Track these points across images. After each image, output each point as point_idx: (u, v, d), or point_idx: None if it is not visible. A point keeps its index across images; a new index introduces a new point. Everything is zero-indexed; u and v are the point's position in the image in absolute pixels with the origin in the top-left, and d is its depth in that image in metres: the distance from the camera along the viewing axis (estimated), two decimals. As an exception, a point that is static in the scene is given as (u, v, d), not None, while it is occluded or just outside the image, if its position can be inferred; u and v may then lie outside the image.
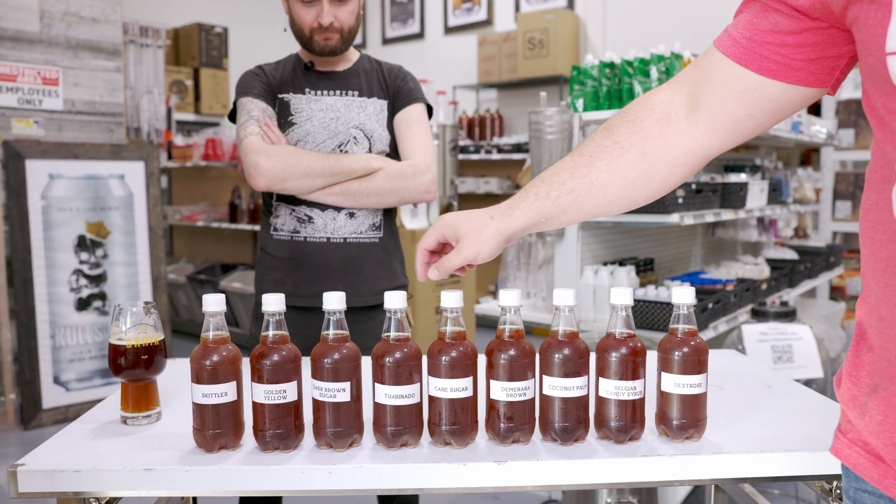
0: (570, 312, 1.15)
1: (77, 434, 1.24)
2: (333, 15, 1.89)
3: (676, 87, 1.14)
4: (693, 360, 1.14)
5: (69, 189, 4.12)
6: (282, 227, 1.94)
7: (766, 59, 1.00)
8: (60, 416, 4.06)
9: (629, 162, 1.14)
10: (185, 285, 6.04)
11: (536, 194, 1.17)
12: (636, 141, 1.13)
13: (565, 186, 1.16)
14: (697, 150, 1.13)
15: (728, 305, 2.98)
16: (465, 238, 1.19)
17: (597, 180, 1.14)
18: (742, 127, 1.10)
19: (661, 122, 1.13)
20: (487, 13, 7.48)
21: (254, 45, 7.77)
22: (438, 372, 1.12)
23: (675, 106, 1.12)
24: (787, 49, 0.98)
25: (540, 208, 1.17)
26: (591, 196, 1.16)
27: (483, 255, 1.18)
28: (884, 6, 0.82)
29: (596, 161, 1.15)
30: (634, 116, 1.15)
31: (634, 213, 2.81)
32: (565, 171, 1.17)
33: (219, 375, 1.13)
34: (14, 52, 3.99)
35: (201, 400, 1.13)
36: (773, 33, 0.98)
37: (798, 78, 1.01)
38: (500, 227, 1.18)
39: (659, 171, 1.14)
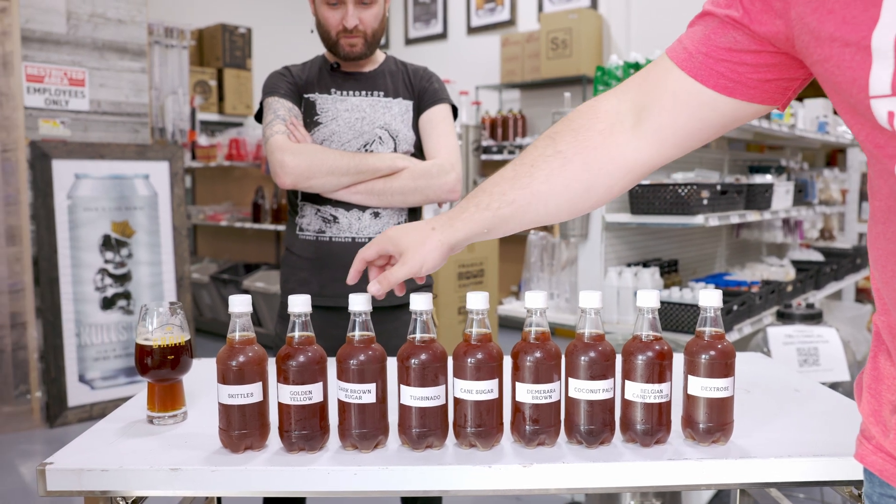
0: (597, 315, 1.15)
1: (104, 433, 1.25)
2: (358, 18, 1.90)
3: (623, 95, 1.12)
4: (720, 363, 1.13)
5: (95, 189, 4.16)
6: (307, 226, 1.95)
7: (723, 77, 0.99)
8: (85, 415, 4.10)
9: (571, 172, 1.12)
10: (209, 285, 6.08)
11: (477, 205, 1.16)
12: (579, 151, 1.11)
13: (506, 197, 1.14)
14: (642, 162, 1.11)
15: (753, 307, 2.95)
16: (408, 251, 1.18)
17: (538, 191, 1.13)
18: (690, 140, 1.09)
19: (605, 133, 1.11)
20: (510, 13, 7.46)
21: (277, 46, 7.82)
22: (464, 374, 1.12)
23: (621, 116, 1.10)
24: (744, 68, 0.97)
25: (481, 219, 1.16)
26: (531, 207, 1.14)
27: (427, 267, 1.18)
28: (862, 49, 0.80)
29: (537, 171, 1.13)
30: (578, 125, 1.13)
31: (658, 214, 2.79)
32: (506, 181, 1.16)
33: (245, 376, 1.13)
34: (42, 54, 4.03)
35: (227, 400, 1.14)
36: (731, 51, 0.97)
37: (752, 96, 1.00)
38: (443, 237, 1.17)
39: (602, 182, 1.13)
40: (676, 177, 3.03)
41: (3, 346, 4.00)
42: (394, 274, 1.17)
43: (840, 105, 0.89)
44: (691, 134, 1.07)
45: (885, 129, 0.81)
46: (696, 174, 3.08)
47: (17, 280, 4.03)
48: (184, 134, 5.16)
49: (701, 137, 1.09)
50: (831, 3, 0.84)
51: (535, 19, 7.15)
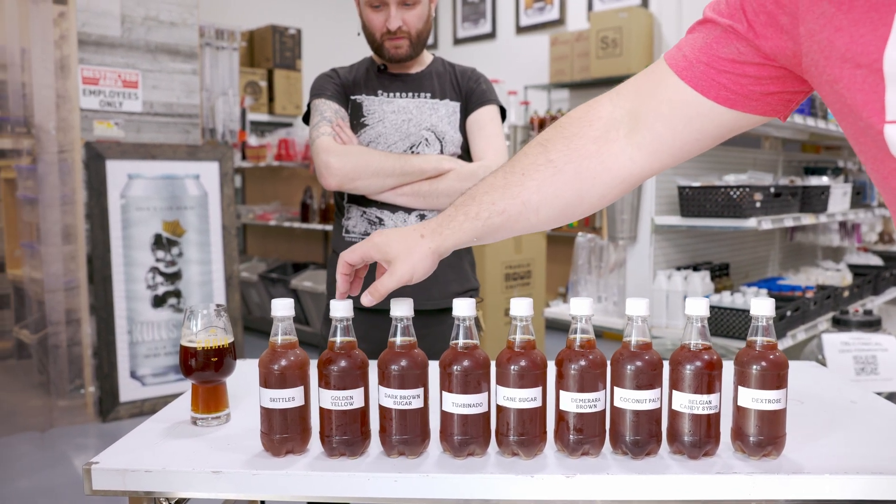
0: (644, 322, 1.12)
1: (149, 433, 1.26)
2: (402, 19, 1.89)
3: (618, 101, 1.08)
4: (772, 374, 1.09)
5: (147, 189, 4.22)
6: (353, 228, 1.94)
7: (725, 88, 0.96)
8: (136, 410, 4.17)
9: (563, 181, 1.09)
10: (258, 283, 6.14)
11: (466, 214, 1.14)
12: (571, 160, 1.08)
13: (496, 207, 1.12)
14: (636, 172, 1.08)
15: (807, 313, 2.88)
16: (397, 259, 1.15)
17: (528, 201, 1.10)
18: (686, 150, 1.06)
19: (598, 141, 1.07)
20: (560, 12, 7.40)
21: (326, 47, 7.86)
22: (507, 381, 1.10)
23: (616, 123, 1.07)
24: (747, 80, 0.94)
25: (471, 229, 1.14)
26: (522, 216, 1.12)
27: (418, 275, 1.16)
28: (874, 71, 0.77)
29: (528, 180, 1.10)
30: (571, 133, 1.10)
31: (709, 217, 2.74)
32: (496, 189, 1.13)
33: (287, 380, 1.13)
34: (97, 57, 4.11)
35: (269, 404, 1.13)
36: (734, 63, 0.94)
37: (754, 108, 0.97)
38: (432, 245, 1.15)
39: (594, 192, 1.10)
40: (728, 178, 2.97)
41: (59, 341, 4.09)
42: (384, 284, 1.15)
43: (850, 129, 0.86)
44: (687, 143, 1.04)
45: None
46: (748, 176, 3.01)
47: (73, 278, 4.11)
48: (234, 134, 5.21)
49: (697, 147, 1.06)
50: (839, 20, 0.81)
51: (584, 18, 7.08)
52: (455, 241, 1.15)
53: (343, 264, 1.19)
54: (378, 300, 1.16)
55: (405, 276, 1.15)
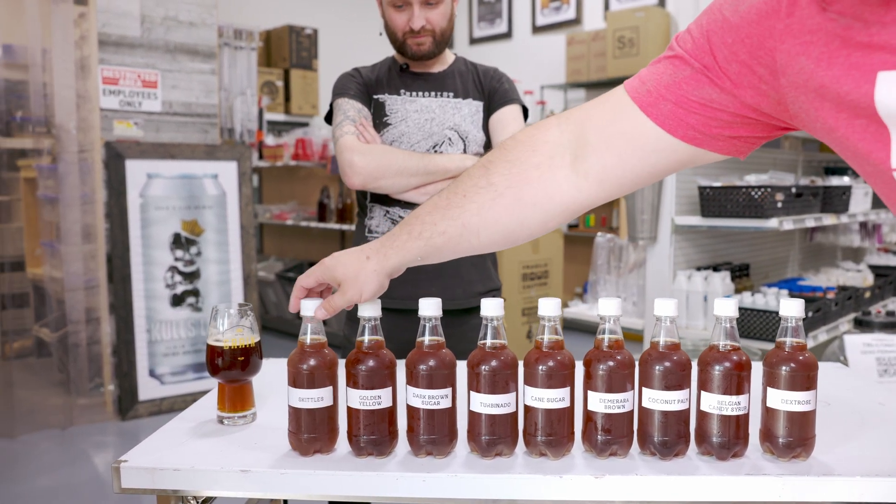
0: (672, 323, 1.11)
1: (176, 432, 1.27)
2: (425, 18, 1.89)
3: (566, 127, 1.05)
4: (802, 375, 1.09)
5: (166, 188, 4.25)
6: (376, 228, 1.95)
7: (693, 129, 0.94)
8: (155, 409, 4.19)
9: (503, 206, 1.08)
10: (275, 283, 6.16)
11: (409, 233, 1.14)
12: (512, 185, 1.07)
13: (437, 227, 1.12)
14: (580, 200, 1.06)
15: (829, 314, 2.86)
16: (344, 282, 1.18)
17: (468, 223, 1.10)
18: (635, 181, 1.04)
19: (541, 167, 1.05)
20: (576, 12, 7.39)
21: (343, 47, 7.88)
22: (535, 381, 1.10)
23: (561, 150, 1.05)
24: (717, 123, 0.93)
25: (414, 248, 1.14)
26: (463, 238, 1.12)
27: (367, 295, 1.18)
28: (873, 118, 0.77)
29: (468, 203, 1.09)
30: (514, 157, 1.08)
31: (730, 217, 2.73)
32: (438, 210, 1.13)
33: (315, 380, 1.13)
34: (117, 57, 4.13)
35: (297, 404, 1.14)
36: (706, 107, 0.92)
37: (718, 147, 0.96)
38: (377, 267, 1.17)
39: (535, 218, 1.09)
40: (749, 178, 2.95)
41: (79, 340, 4.11)
42: (334, 302, 1.18)
43: (856, 167, 0.86)
44: (638, 176, 1.03)
45: None
46: (769, 176, 3.00)
47: (92, 277, 4.14)
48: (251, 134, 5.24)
49: (647, 179, 1.04)
50: (821, 77, 0.80)
51: (601, 18, 7.07)
52: (398, 260, 1.17)
53: (298, 288, 1.23)
54: (331, 315, 1.19)
55: (354, 297, 1.18)
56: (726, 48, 0.89)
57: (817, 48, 0.81)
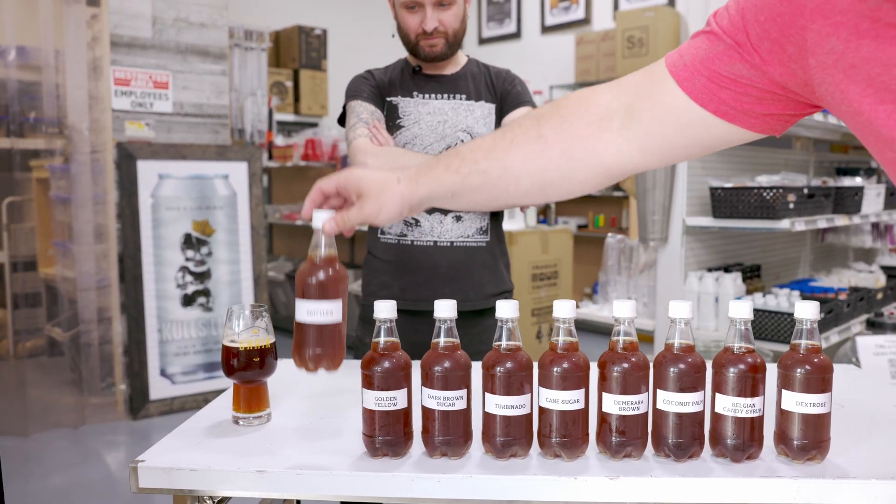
0: (687, 325, 1.12)
1: (191, 433, 1.28)
2: (438, 20, 1.90)
3: (619, 93, 1.08)
4: (817, 378, 1.09)
5: (177, 188, 4.26)
6: (388, 230, 1.95)
7: (724, 103, 0.95)
8: (166, 408, 4.20)
9: (549, 158, 1.09)
10: (284, 283, 6.18)
11: (447, 167, 1.13)
12: (562, 139, 1.08)
13: (478, 165, 1.11)
14: (623, 164, 1.08)
15: (840, 315, 2.86)
16: (367, 195, 1.14)
17: (511, 168, 1.10)
18: (674, 154, 1.06)
19: (592, 126, 1.07)
20: (585, 12, 7.38)
21: (352, 47, 7.89)
22: (550, 383, 1.10)
23: (612, 113, 1.07)
24: (749, 99, 0.94)
25: (448, 181, 1.13)
26: (502, 182, 1.12)
27: (383, 217, 1.14)
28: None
29: (515, 149, 1.10)
30: (567, 112, 1.10)
31: (742, 218, 2.72)
32: (482, 150, 1.13)
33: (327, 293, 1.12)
34: (128, 58, 4.15)
35: (305, 318, 1.12)
36: (737, 82, 0.93)
37: (751, 125, 0.96)
38: (405, 192, 1.14)
39: (578, 175, 1.10)
40: (761, 179, 2.95)
41: (91, 340, 4.13)
42: (349, 216, 1.14)
43: (879, 153, 0.85)
44: (677, 148, 1.05)
45: None
46: (781, 177, 2.99)
47: (104, 276, 4.16)
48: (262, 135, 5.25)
49: (686, 153, 1.06)
50: (851, 58, 0.80)
51: (610, 18, 7.06)
52: (429, 190, 1.14)
53: (316, 190, 1.19)
54: (342, 229, 1.14)
55: (371, 214, 1.14)
56: (759, 26, 0.90)
57: (847, 29, 0.81)
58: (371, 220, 1.15)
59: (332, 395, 1.48)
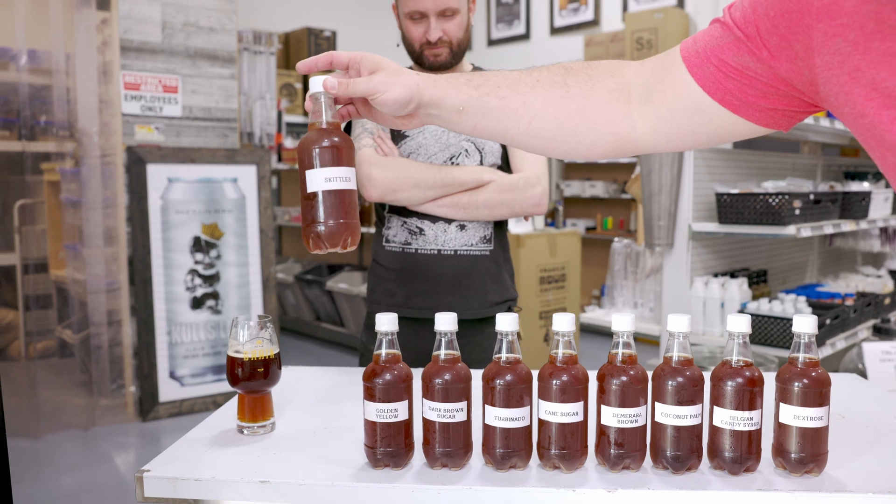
0: (685, 338, 1.13)
1: (197, 442, 1.29)
2: (442, 30, 1.91)
3: (643, 70, 1.10)
4: (815, 392, 1.09)
5: (186, 192, 4.29)
6: (393, 238, 1.96)
7: (730, 93, 0.97)
8: (175, 410, 4.23)
9: (568, 108, 1.11)
10: (293, 285, 6.20)
11: (469, 81, 1.14)
12: (584, 94, 1.10)
13: (499, 91, 1.12)
14: (633, 138, 1.11)
15: (847, 321, 2.85)
16: (383, 71, 1.12)
17: (530, 104, 1.11)
18: (682, 139, 1.09)
19: (613, 93, 1.10)
20: (594, 13, 7.38)
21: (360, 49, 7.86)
22: (549, 396, 1.11)
23: (633, 87, 1.10)
24: (754, 91, 0.96)
25: (465, 94, 1.12)
26: (516, 114, 1.12)
27: (390, 95, 1.09)
28: None
29: (539, 88, 1.11)
30: (595, 73, 1.12)
31: (748, 224, 2.72)
32: (506, 79, 1.13)
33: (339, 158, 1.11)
34: (138, 63, 4.18)
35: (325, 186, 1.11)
36: (743, 73, 0.95)
37: (757, 118, 0.98)
38: (421, 83, 1.11)
39: (588, 135, 1.12)
40: (767, 185, 2.95)
41: (101, 342, 4.17)
42: (355, 83, 1.10)
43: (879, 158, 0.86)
44: (685, 134, 1.07)
45: None
46: (787, 182, 2.99)
47: (114, 279, 4.19)
48: (271, 138, 5.28)
49: (693, 140, 1.08)
50: (857, 60, 0.81)
51: (619, 19, 7.06)
52: (443, 92, 1.12)
53: (326, 56, 1.14)
54: (341, 93, 1.10)
55: (379, 87, 1.10)
56: (769, 20, 0.91)
57: (853, 31, 0.82)
58: (376, 94, 1.10)
59: (334, 403, 1.50)
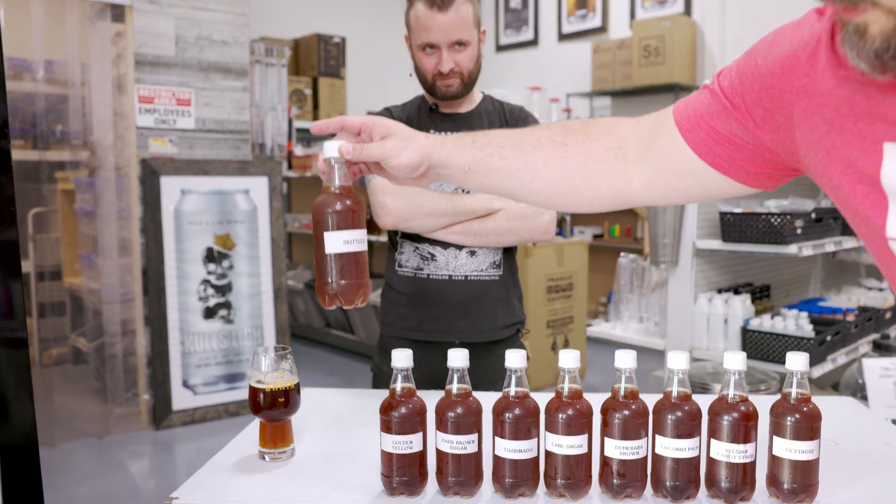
0: (684, 375, 1.19)
1: (221, 468, 1.36)
2: (454, 61, 1.97)
3: (639, 128, 1.16)
4: (806, 426, 1.16)
5: (199, 203, 4.37)
6: (406, 263, 2.03)
7: (719, 158, 1.03)
8: (188, 418, 4.31)
9: (567, 167, 1.17)
10: (303, 291, 6.27)
11: (474, 141, 1.20)
12: (582, 154, 1.16)
13: (503, 151, 1.18)
14: (629, 194, 1.17)
15: (848, 336, 2.91)
16: (395, 136, 1.18)
17: (531, 163, 1.17)
18: (675, 195, 1.16)
19: (610, 151, 1.16)
20: (602, 20, 7.43)
21: (370, 55, 7.98)
22: (556, 429, 1.18)
23: (629, 145, 1.16)
24: (741, 156, 1.02)
25: (471, 154, 1.19)
26: (518, 173, 1.18)
27: (402, 160, 1.16)
28: (876, 187, 0.84)
29: (540, 149, 1.18)
30: (592, 132, 1.18)
31: (751, 242, 2.78)
32: (509, 139, 1.20)
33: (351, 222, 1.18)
34: (152, 76, 4.26)
35: (341, 248, 1.18)
36: (731, 141, 1.01)
37: (745, 179, 1.05)
38: (430, 146, 1.18)
39: (587, 193, 1.18)
40: (769, 204, 3.00)
41: (115, 351, 4.25)
42: (369, 149, 1.17)
43: (854, 224, 0.92)
44: (677, 191, 1.13)
45: None
46: (790, 202, 3.05)
47: (128, 290, 4.27)
48: (282, 149, 5.35)
49: (686, 197, 1.15)
50: (832, 139, 0.87)
51: (626, 26, 7.10)
52: (450, 154, 1.19)
53: (338, 121, 1.21)
54: (356, 158, 1.17)
55: (392, 153, 1.16)
56: (754, 93, 0.97)
57: (829, 111, 0.88)
58: (389, 160, 1.17)
59: (350, 428, 1.56)
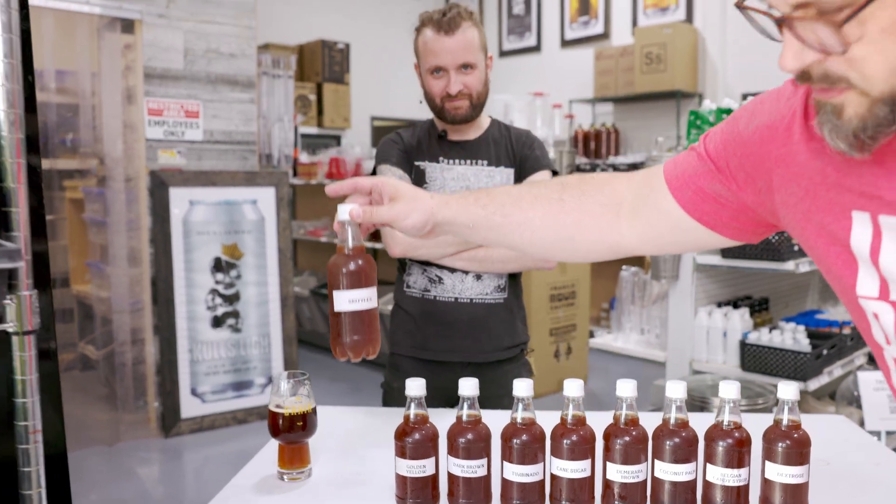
0: (682, 402, 1.26)
1: (242, 490, 1.43)
2: (462, 83, 2.03)
3: (631, 184, 1.23)
4: (796, 452, 1.22)
5: (207, 214, 4.44)
6: (413, 284, 2.10)
7: (707, 215, 1.11)
8: (196, 426, 4.38)
9: (563, 222, 1.24)
10: (309, 298, 6.34)
11: (476, 200, 1.28)
12: (578, 209, 1.24)
13: (504, 209, 1.26)
14: (623, 245, 1.24)
15: (843, 349, 2.98)
16: (402, 199, 1.27)
17: (530, 219, 1.25)
18: (667, 247, 1.24)
19: (605, 207, 1.23)
20: (604, 27, 7.50)
21: (373, 60, 8.06)
22: (560, 454, 1.25)
23: (623, 201, 1.23)
24: (726, 214, 1.10)
25: (474, 213, 1.27)
26: (519, 228, 1.26)
27: (409, 222, 1.25)
28: (846, 249, 0.91)
29: (538, 205, 1.25)
30: (588, 189, 1.25)
31: (749, 259, 2.85)
32: (509, 196, 1.28)
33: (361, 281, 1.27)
34: (161, 89, 4.33)
35: (347, 307, 1.27)
36: (717, 200, 1.09)
37: (730, 234, 1.13)
38: (435, 208, 1.27)
39: (584, 245, 1.26)
40: (768, 218, 3.07)
41: (125, 360, 4.32)
42: (379, 212, 1.26)
43: (829, 280, 1.00)
44: (669, 244, 1.22)
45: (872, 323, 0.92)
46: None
47: (138, 299, 4.34)
48: (289, 159, 5.43)
49: (677, 248, 1.24)
50: (806, 205, 0.96)
51: (629, 33, 7.17)
52: (455, 213, 1.28)
53: (350, 182, 1.30)
54: (367, 220, 1.26)
55: (400, 215, 1.26)
56: (737, 158, 1.05)
57: (804, 180, 0.96)
58: (397, 222, 1.26)
59: (364, 448, 1.63)
